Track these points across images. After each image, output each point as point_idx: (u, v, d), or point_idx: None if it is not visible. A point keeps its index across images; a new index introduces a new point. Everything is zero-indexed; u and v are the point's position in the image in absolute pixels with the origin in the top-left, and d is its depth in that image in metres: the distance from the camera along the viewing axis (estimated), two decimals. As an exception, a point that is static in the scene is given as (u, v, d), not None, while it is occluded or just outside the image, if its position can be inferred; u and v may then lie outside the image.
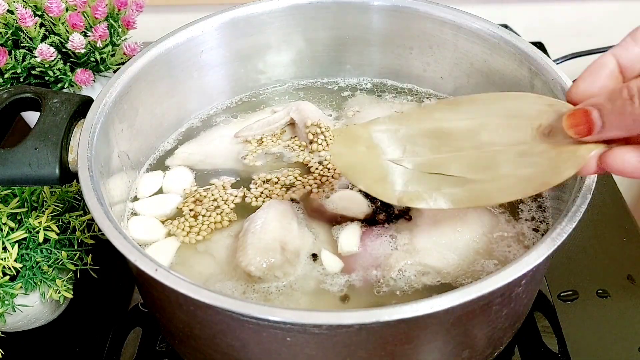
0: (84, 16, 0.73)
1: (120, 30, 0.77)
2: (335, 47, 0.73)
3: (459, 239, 0.55)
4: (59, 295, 0.60)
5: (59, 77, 0.73)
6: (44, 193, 0.62)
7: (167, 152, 0.67)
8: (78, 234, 0.62)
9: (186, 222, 0.59)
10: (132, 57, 0.62)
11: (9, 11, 0.71)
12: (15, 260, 0.57)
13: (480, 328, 0.50)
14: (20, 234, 0.58)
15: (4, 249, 0.57)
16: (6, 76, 0.72)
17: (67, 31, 0.72)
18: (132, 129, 0.62)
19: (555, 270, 0.67)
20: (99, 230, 0.49)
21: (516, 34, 0.65)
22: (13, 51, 0.72)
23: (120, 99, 0.58)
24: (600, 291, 0.65)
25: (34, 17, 0.71)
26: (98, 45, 0.74)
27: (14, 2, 0.72)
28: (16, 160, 0.52)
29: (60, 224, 0.61)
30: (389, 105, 0.72)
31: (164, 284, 0.43)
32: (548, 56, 0.67)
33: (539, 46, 1.00)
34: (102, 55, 0.75)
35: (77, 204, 0.64)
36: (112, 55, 0.77)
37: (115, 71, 0.69)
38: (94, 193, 0.49)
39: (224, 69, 0.71)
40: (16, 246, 0.57)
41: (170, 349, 0.61)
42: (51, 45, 0.71)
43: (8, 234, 0.58)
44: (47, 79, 0.74)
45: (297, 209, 0.59)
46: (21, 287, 0.58)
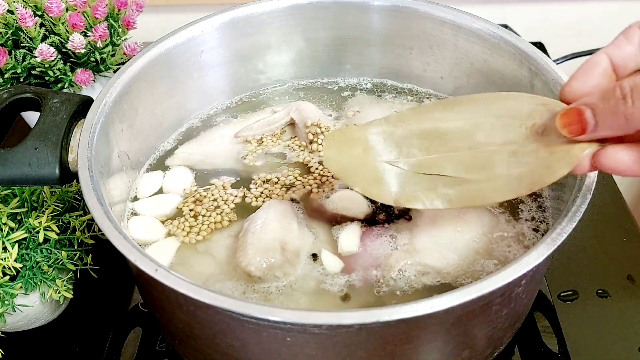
0: (84, 16, 0.73)
1: (120, 30, 0.77)
2: (335, 47, 0.73)
3: (459, 239, 0.55)
4: (59, 295, 0.60)
5: (59, 77, 0.73)
6: (44, 193, 0.62)
7: (167, 152, 0.67)
8: (78, 234, 0.62)
9: (186, 222, 0.59)
10: (132, 57, 0.62)
11: (9, 11, 0.71)
12: (15, 260, 0.57)
13: (480, 328, 0.50)
14: (20, 234, 0.58)
15: (4, 249, 0.57)
16: (6, 76, 0.72)
17: (67, 31, 0.72)
18: (132, 129, 0.62)
19: (555, 270, 0.67)
20: (99, 230, 0.49)
21: (516, 34, 0.65)
22: (13, 51, 0.72)
23: (120, 99, 0.58)
24: (600, 291, 0.65)
25: (34, 17, 0.71)
26: (98, 45, 0.74)
27: (14, 2, 0.72)
28: (16, 160, 0.52)
29: (60, 224, 0.61)
30: (389, 105, 0.72)
31: (164, 284, 0.43)
32: (548, 56, 0.67)
33: (539, 46, 1.00)
34: (102, 55, 0.75)
35: (77, 204, 0.64)
36: (112, 55, 0.77)
37: (115, 71, 0.69)
38: (94, 193, 0.49)
39: (224, 69, 0.71)
40: (16, 246, 0.57)
41: (170, 349, 0.61)
42: (51, 45, 0.71)
43: (8, 234, 0.58)
44: (47, 79, 0.74)
45: (297, 209, 0.59)
46: (21, 287, 0.58)
